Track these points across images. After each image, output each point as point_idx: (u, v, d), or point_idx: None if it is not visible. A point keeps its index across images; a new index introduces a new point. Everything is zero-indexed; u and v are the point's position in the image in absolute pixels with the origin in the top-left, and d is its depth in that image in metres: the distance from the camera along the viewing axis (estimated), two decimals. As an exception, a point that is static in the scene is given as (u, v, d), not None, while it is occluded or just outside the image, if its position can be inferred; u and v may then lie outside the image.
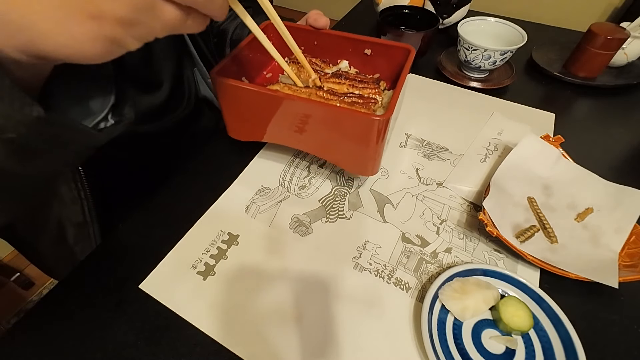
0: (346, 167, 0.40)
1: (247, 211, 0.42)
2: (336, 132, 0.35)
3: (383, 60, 0.44)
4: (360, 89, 0.40)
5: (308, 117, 0.35)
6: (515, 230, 0.38)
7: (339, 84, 0.40)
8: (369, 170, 0.39)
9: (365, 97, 0.39)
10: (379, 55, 0.44)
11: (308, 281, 0.35)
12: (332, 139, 0.36)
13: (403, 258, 0.37)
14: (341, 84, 0.40)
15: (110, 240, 0.40)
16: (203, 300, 0.34)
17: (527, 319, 0.30)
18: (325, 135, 0.36)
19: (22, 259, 0.67)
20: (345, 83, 0.40)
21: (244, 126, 0.41)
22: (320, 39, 0.44)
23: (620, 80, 0.60)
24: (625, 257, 0.36)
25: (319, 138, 0.37)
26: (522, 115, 0.54)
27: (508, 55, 0.55)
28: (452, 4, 0.66)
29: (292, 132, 0.38)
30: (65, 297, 0.36)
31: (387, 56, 0.43)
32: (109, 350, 0.32)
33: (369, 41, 0.43)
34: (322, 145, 0.38)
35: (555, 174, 0.43)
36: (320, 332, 0.32)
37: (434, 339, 0.30)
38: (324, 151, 0.39)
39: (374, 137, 0.34)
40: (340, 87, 0.40)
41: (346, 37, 0.44)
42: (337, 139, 0.36)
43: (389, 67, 0.44)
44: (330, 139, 0.36)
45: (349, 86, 0.40)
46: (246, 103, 0.37)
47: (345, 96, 0.38)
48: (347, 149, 0.37)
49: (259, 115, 0.38)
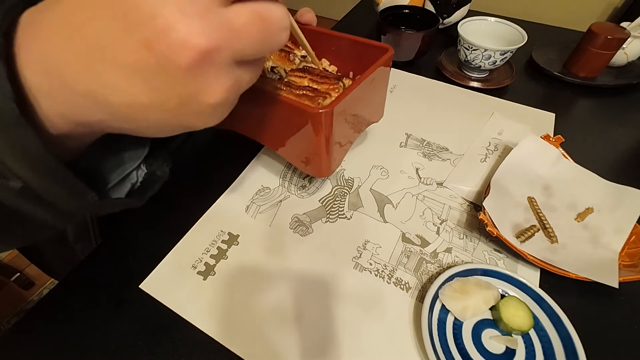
0: (300, 167, 0.38)
1: (247, 211, 0.42)
2: (282, 125, 0.34)
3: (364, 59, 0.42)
4: (319, 84, 0.38)
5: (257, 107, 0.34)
6: (515, 230, 0.38)
7: (300, 78, 0.39)
8: (322, 170, 0.36)
9: (317, 90, 0.37)
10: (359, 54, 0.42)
11: (308, 281, 0.35)
12: (282, 134, 0.35)
13: (403, 258, 0.37)
14: (302, 77, 0.39)
15: (111, 240, 0.40)
16: (203, 300, 0.34)
17: (527, 318, 0.30)
18: (275, 128, 0.35)
19: (22, 259, 0.67)
20: (306, 77, 0.39)
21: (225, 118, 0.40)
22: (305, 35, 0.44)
23: (620, 80, 0.59)
24: (625, 257, 0.36)
25: (271, 132, 0.36)
26: (522, 115, 0.54)
27: (508, 55, 0.55)
28: (452, 4, 0.66)
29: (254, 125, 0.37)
30: (65, 297, 0.36)
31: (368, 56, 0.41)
32: (109, 350, 0.32)
33: (349, 39, 0.41)
34: (275, 141, 0.37)
35: (555, 174, 0.43)
36: (320, 332, 0.32)
37: (434, 338, 0.30)
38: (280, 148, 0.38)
39: (317, 131, 0.31)
40: (300, 81, 0.38)
41: (328, 34, 0.42)
42: (285, 134, 0.35)
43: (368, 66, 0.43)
44: (280, 133, 0.35)
45: (310, 80, 0.38)
46: None
47: (299, 89, 0.36)
48: (296, 146, 0.35)
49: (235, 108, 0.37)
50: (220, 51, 0.13)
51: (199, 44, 0.12)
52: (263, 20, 0.14)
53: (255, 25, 0.14)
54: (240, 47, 0.14)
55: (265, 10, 0.14)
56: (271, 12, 0.14)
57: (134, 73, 0.13)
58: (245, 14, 0.13)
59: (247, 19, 0.14)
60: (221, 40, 0.13)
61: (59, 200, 0.18)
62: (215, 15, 0.13)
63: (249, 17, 0.14)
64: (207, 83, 0.14)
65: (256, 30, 0.14)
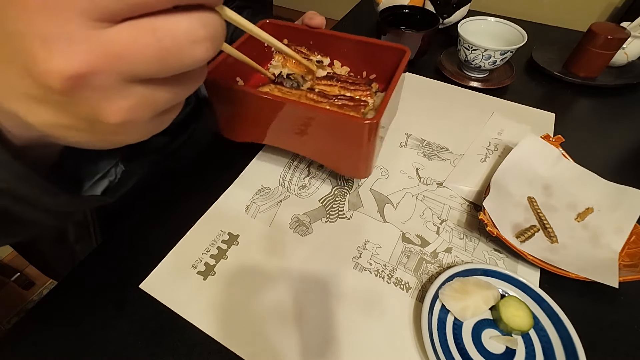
0: (339, 170, 0.40)
1: (247, 211, 0.42)
2: (326, 134, 0.35)
3: (378, 61, 0.43)
4: (351, 91, 0.40)
5: (298, 120, 0.35)
6: (515, 230, 0.38)
7: (331, 86, 0.40)
8: (361, 172, 0.39)
9: (355, 99, 0.38)
10: (374, 56, 0.43)
11: (308, 281, 0.35)
12: (323, 142, 0.36)
13: (403, 258, 0.37)
14: (332, 85, 0.40)
15: (111, 240, 0.40)
16: (203, 300, 0.34)
17: (527, 318, 0.31)
18: (316, 137, 0.36)
19: (22, 259, 0.67)
20: (336, 85, 0.40)
21: (236, 127, 0.41)
22: (315, 39, 0.44)
23: (620, 80, 0.59)
24: (625, 257, 0.36)
25: (310, 140, 0.37)
26: (522, 115, 0.54)
27: (508, 55, 0.55)
28: (452, 3, 0.66)
29: (283, 134, 0.38)
30: (65, 297, 0.36)
31: (383, 57, 0.43)
32: (109, 350, 0.32)
33: (364, 41, 0.42)
34: (313, 148, 0.38)
35: (555, 174, 0.43)
36: (320, 332, 0.32)
37: (434, 338, 0.30)
38: (316, 153, 0.39)
39: (363, 140, 0.33)
40: (331, 89, 0.40)
41: (341, 37, 0.43)
42: (327, 142, 0.36)
43: (384, 68, 0.43)
44: (321, 141, 0.36)
45: (340, 88, 0.40)
46: (237, 104, 0.37)
47: (336, 98, 0.38)
48: (338, 152, 0.36)
49: (250, 117, 0.38)
50: (98, 74, 0.13)
51: (64, 70, 0.12)
52: (157, 37, 0.13)
53: (146, 44, 0.13)
54: (130, 68, 0.13)
55: (160, 27, 0.13)
56: (169, 27, 0.13)
57: (31, 98, 0.14)
58: (129, 33, 0.12)
59: (132, 37, 0.12)
60: (93, 63, 0.12)
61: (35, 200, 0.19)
62: (85, 38, 0.12)
63: (136, 36, 0.12)
64: (99, 104, 0.14)
65: (148, 49, 0.13)
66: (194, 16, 0.13)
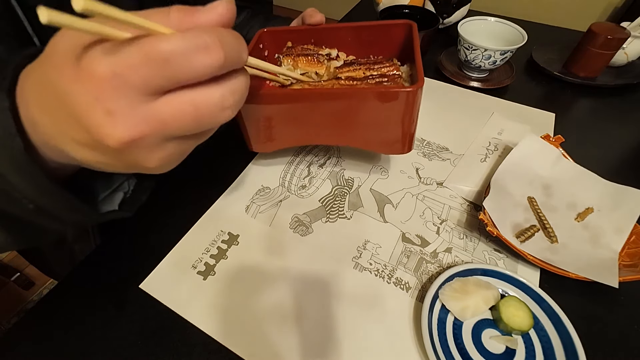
0: (382, 149, 0.39)
1: (247, 211, 0.42)
2: (370, 114, 0.34)
3: (382, 41, 0.43)
4: (377, 69, 0.39)
5: (338, 107, 0.35)
6: (515, 230, 0.38)
7: (355, 71, 0.39)
8: (406, 146, 0.38)
9: (389, 74, 0.38)
10: (379, 37, 0.43)
11: (308, 281, 0.35)
12: (365, 124, 0.36)
13: (403, 258, 0.37)
14: (357, 70, 0.40)
15: (110, 240, 0.40)
16: (203, 300, 0.34)
17: (527, 318, 0.30)
18: (357, 121, 0.36)
19: (22, 259, 0.67)
20: (360, 68, 0.40)
21: (269, 136, 0.40)
22: (316, 36, 0.44)
23: (620, 80, 0.59)
24: (625, 256, 0.36)
25: (350, 126, 0.37)
26: (522, 115, 0.54)
27: (508, 55, 0.55)
28: (452, 3, 0.66)
29: (320, 128, 0.37)
30: (65, 297, 0.36)
31: (387, 37, 0.42)
32: (109, 350, 0.32)
33: (366, 26, 0.42)
34: (353, 134, 0.38)
35: (555, 174, 0.43)
36: (320, 332, 0.32)
37: (434, 338, 0.30)
38: (355, 139, 0.38)
39: (412, 109, 0.33)
40: (357, 73, 0.39)
41: (342, 27, 0.43)
42: (370, 122, 0.35)
43: (392, 46, 0.43)
44: (362, 124, 0.36)
45: (366, 70, 0.39)
46: (270, 108, 0.36)
47: (368, 79, 0.37)
48: (382, 130, 0.36)
49: (286, 118, 0.37)
50: (145, 138, 0.15)
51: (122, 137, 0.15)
52: (195, 107, 0.16)
53: (186, 113, 0.16)
54: (172, 131, 0.16)
55: (197, 98, 0.16)
56: (204, 99, 0.16)
57: (83, 146, 0.17)
58: (173, 105, 0.15)
59: (175, 109, 0.15)
60: (145, 130, 0.15)
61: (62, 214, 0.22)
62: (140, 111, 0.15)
63: (178, 107, 0.15)
64: (141, 157, 0.17)
65: (188, 117, 0.16)
66: (226, 86, 0.16)
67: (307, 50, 0.42)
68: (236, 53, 0.16)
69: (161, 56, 0.14)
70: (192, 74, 0.15)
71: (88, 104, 0.15)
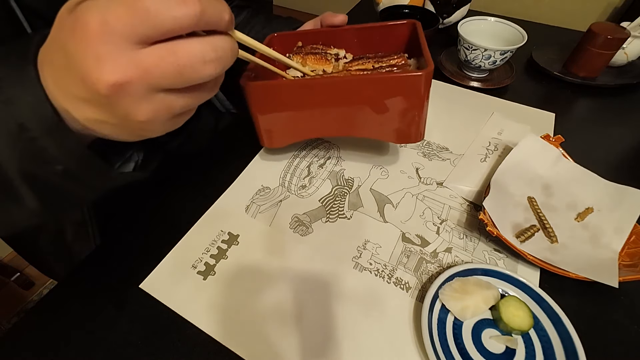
0: (392, 138, 0.40)
1: (247, 211, 0.42)
2: (385, 101, 0.35)
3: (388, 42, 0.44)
4: (385, 61, 0.40)
5: (356, 95, 0.35)
6: (515, 230, 0.38)
7: (364, 64, 0.40)
8: (417, 134, 0.38)
9: (399, 65, 0.39)
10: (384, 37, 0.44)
11: (308, 281, 0.35)
12: (380, 111, 0.36)
13: (403, 258, 0.37)
14: (366, 63, 0.40)
15: (110, 240, 0.40)
16: (203, 300, 0.34)
17: (527, 318, 0.30)
18: (368, 110, 0.36)
19: (22, 259, 0.67)
20: (369, 61, 0.40)
21: (282, 130, 0.40)
22: (324, 38, 0.44)
23: (620, 80, 0.59)
24: (625, 256, 0.36)
25: (361, 116, 0.37)
26: (522, 115, 0.54)
27: (508, 55, 0.55)
28: (452, 3, 0.66)
29: (331, 119, 0.38)
30: (65, 297, 0.36)
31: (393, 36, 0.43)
32: (109, 350, 0.32)
33: (372, 27, 0.43)
34: (364, 123, 0.38)
35: (555, 174, 0.43)
36: (320, 332, 0.32)
37: (434, 338, 0.30)
38: (366, 129, 0.39)
39: (424, 93, 0.34)
40: (366, 66, 0.40)
41: (349, 29, 0.44)
42: (381, 110, 0.36)
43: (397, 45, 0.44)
44: (373, 113, 0.36)
45: (375, 62, 0.40)
46: (284, 100, 0.37)
47: (378, 69, 0.38)
48: (393, 118, 0.37)
49: (299, 109, 0.37)
50: (132, 84, 0.17)
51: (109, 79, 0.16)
52: (176, 56, 0.17)
53: (167, 61, 0.17)
54: (155, 80, 0.17)
55: (179, 49, 0.17)
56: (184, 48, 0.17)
57: (81, 99, 0.18)
58: (157, 54, 0.16)
59: (158, 57, 0.16)
60: (130, 75, 0.16)
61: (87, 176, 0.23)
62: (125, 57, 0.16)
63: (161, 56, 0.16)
64: (131, 106, 0.18)
65: (170, 65, 0.17)
66: (207, 40, 0.17)
67: (315, 49, 0.43)
68: (215, 9, 0.17)
69: (143, 5, 0.15)
70: (171, 23, 0.16)
71: (81, 52, 0.16)
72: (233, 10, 0.30)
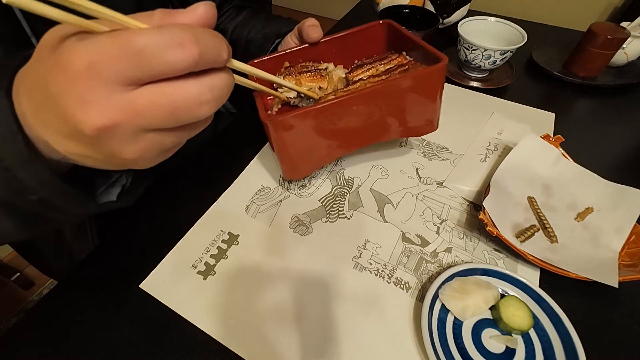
0: (413, 133, 0.41)
1: (247, 211, 0.42)
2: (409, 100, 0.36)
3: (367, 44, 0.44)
4: (387, 63, 0.40)
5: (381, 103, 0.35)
6: (515, 230, 0.38)
7: (367, 70, 0.40)
8: (435, 124, 0.40)
9: (404, 63, 0.38)
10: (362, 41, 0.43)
11: (308, 281, 0.35)
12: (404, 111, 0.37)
13: (403, 258, 0.37)
14: (368, 70, 0.40)
15: (110, 240, 0.40)
16: (203, 300, 0.34)
17: (527, 318, 0.30)
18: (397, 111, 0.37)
19: (22, 259, 0.67)
20: (374, 66, 0.40)
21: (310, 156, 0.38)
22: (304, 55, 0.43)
23: (620, 80, 0.59)
24: (625, 256, 0.36)
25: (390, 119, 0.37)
26: (522, 115, 0.54)
27: (508, 55, 0.55)
28: (452, 3, 0.66)
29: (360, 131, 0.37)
30: (65, 297, 0.36)
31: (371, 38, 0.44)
32: (109, 350, 0.32)
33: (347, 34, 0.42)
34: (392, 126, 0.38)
35: (555, 174, 0.43)
36: (320, 332, 0.32)
37: (434, 338, 0.30)
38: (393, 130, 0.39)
39: (442, 85, 0.37)
40: (372, 72, 0.40)
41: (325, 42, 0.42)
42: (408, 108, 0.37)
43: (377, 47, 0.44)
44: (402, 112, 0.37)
45: (379, 66, 0.40)
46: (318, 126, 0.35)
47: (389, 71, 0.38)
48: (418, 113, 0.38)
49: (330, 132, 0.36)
50: (119, 126, 0.16)
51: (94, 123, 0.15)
52: (170, 100, 0.16)
53: (161, 105, 0.16)
54: (147, 122, 0.16)
55: (172, 91, 0.16)
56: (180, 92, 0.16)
57: (63, 135, 0.17)
58: (148, 96, 0.15)
59: (149, 99, 0.15)
60: (118, 118, 0.15)
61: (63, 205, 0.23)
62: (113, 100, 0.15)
63: (152, 98, 0.15)
64: (118, 147, 0.17)
65: (163, 109, 0.16)
66: (204, 81, 0.16)
67: (306, 67, 0.41)
68: (213, 50, 0.16)
69: (135, 49, 0.14)
70: (166, 67, 0.15)
71: (63, 93, 0.15)
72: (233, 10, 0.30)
